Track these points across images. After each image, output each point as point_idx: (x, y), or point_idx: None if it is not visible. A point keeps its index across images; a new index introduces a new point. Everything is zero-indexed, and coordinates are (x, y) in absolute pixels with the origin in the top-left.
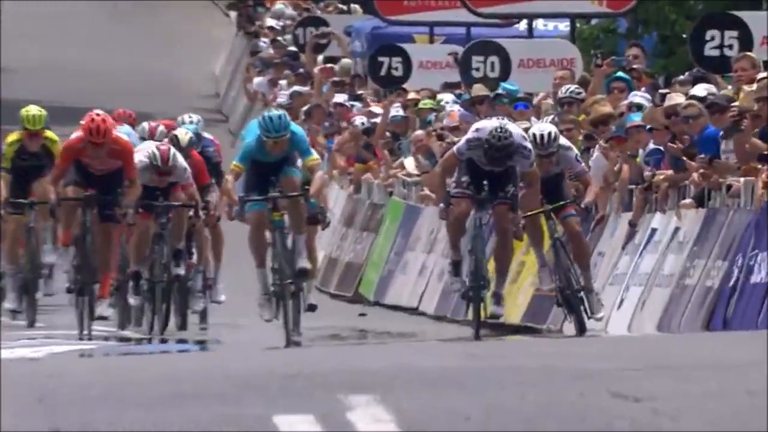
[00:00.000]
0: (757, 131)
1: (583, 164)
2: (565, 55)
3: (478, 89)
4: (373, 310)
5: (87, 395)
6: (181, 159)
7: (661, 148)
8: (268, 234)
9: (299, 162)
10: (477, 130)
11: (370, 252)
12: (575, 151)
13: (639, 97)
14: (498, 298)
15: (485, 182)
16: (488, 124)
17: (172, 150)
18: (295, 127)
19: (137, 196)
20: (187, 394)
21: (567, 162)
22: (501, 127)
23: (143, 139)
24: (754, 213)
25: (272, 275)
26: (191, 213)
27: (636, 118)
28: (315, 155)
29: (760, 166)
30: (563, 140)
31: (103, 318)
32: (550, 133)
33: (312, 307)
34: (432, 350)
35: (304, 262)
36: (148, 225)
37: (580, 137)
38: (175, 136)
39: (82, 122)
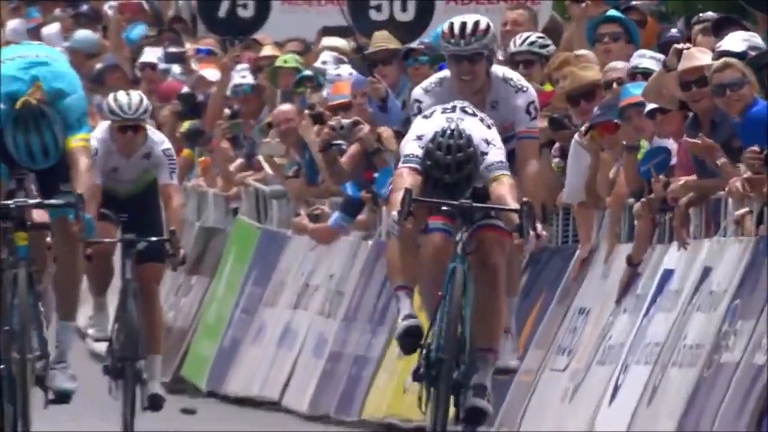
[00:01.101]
0: None
1: (537, 124)
2: None
3: (381, 40)
4: (207, 404)
5: None
6: None
7: (671, 142)
8: None
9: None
10: (419, 137)
11: (200, 309)
12: (532, 93)
13: (648, 58)
14: (480, 391)
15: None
16: (432, 126)
17: None
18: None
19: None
20: None
21: (508, 109)
22: (449, 131)
23: None
24: None
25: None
26: None
27: (636, 92)
28: (85, 133)
29: None
30: (511, 73)
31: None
32: (477, 23)
33: (155, 402)
34: None
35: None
36: None
37: (544, 123)
38: None
39: None
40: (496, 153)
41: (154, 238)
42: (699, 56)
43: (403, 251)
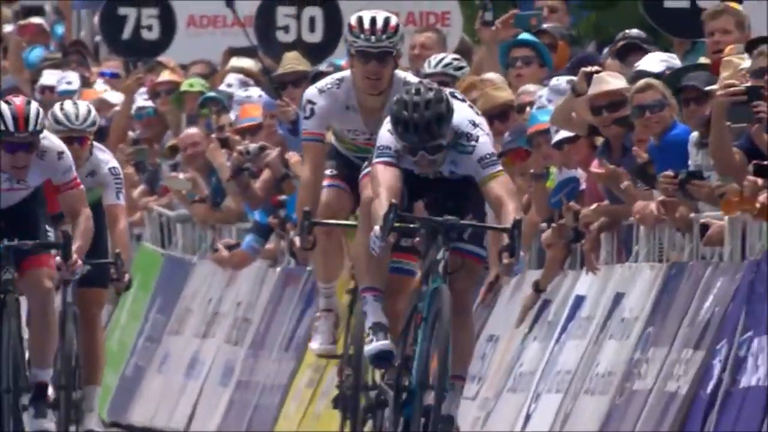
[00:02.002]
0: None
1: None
2: (434, 6)
3: (291, 61)
4: None
5: None
6: None
7: (579, 171)
8: None
9: None
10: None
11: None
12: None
13: (563, 81)
14: (448, 425)
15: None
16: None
17: None
18: None
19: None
20: None
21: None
22: (414, 89)
23: None
24: (745, 271)
25: None
26: None
27: (543, 119)
28: None
29: (759, 182)
30: (413, 78)
31: None
32: (387, 19)
33: None
34: None
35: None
36: None
37: None
38: None
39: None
40: (486, 142)
41: (98, 261)
42: (610, 80)
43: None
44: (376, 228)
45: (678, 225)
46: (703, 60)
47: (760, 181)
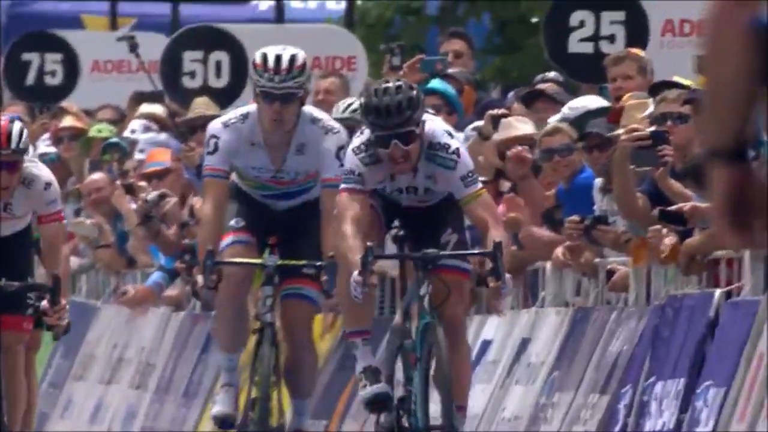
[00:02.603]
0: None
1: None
2: (339, 50)
3: (200, 106)
4: None
5: None
6: None
7: None
8: None
9: None
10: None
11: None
12: (343, 136)
13: (468, 129)
14: None
15: (401, 231)
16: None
17: None
18: None
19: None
20: None
21: (316, 153)
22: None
23: None
24: (650, 315)
25: None
26: None
27: None
28: None
29: (664, 231)
30: (320, 113)
31: None
32: (293, 58)
33: None
34: None
35: None
36: None
37: None
38: None
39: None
40: (467, 157)
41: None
42: (518, 125)
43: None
44: (355, 274)
45: (583, 270)
46: (606, 104)
47: (664, 230)
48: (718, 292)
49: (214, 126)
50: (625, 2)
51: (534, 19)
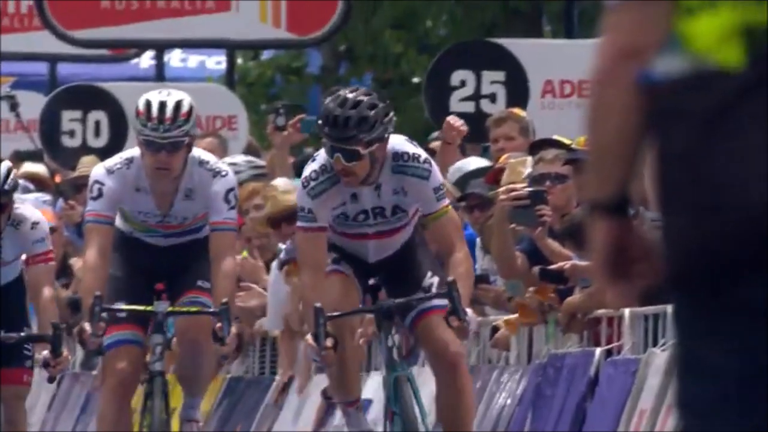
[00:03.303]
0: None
1: (234, 215)
2: (220, 109)
3: (86, 165)
4: None
5: None
6: None
7: None
8: None
9: None
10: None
11: None
12: (231, 179)
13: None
14: None
15: (370, 278)
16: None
17: None
18: None
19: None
20: None
21: (204, 197)
22: (363, 88)
23: None
24: (531, 374)
25: None
26: None
27: None
28: None
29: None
30: (208, 155)
31: None
32: (179, 105)
33: None
34: None
35: None
36: None
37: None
38: None
39: None
40: (436, 168)
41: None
42: None
43: (342, 361)
44: (308, 338)
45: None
46: (488, 163)
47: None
48: (598, 350)
49: (98, 172)
50: (506, 62)
51: (415, 79)
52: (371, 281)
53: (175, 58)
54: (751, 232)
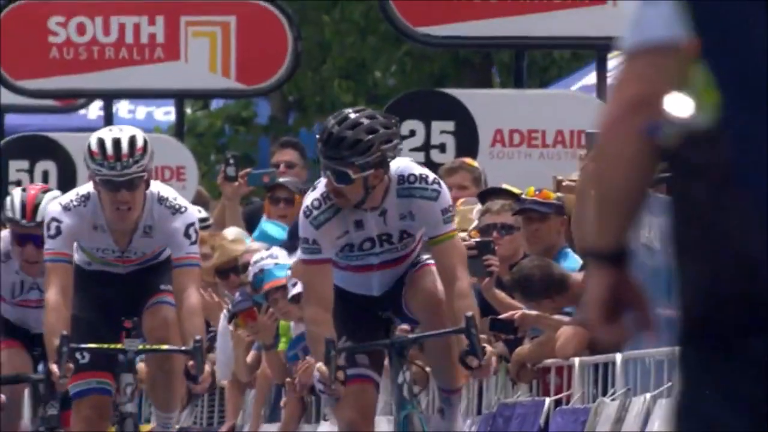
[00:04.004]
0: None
1: (197, 249)
2: (169, 160)
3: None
4: None
5: None
6: None
7: None
8: None
9: None
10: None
11: None
12: (191, 215)
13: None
14: None
15: (380, 311)
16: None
17: None
18: None
19: None
20: None
21: (164, 233)
22: (370, 110)
23: None
24: (481, 424)
25: None
26: None
27: (280, 274)
28: None
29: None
30: (168, 191)
31: None
32: (133, 140)
33: None
34: None
35: None
36: None
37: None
38: None
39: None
40: (446, 188)
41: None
42: None
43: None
44: (318, 372)
45: (415, 378)
46: None
47: (489, 348)
48: (548, 399)
49: (54, 209)
50: (456, 112)
51: None
52: (383, 314)
53: (123, 108)
54: (761, 289)
